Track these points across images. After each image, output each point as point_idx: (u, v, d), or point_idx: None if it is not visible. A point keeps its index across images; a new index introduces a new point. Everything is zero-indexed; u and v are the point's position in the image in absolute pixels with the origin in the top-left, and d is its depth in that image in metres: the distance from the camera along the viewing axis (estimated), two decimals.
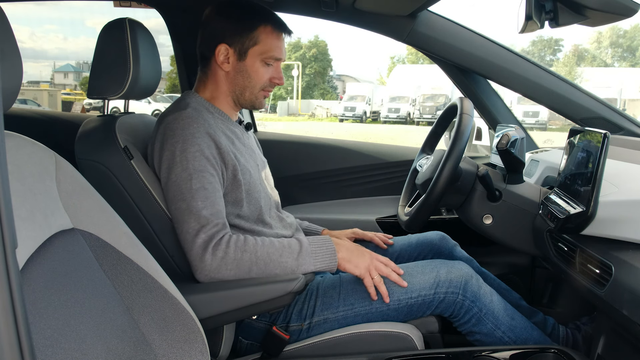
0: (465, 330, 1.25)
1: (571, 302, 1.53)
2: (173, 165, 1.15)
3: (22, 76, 0.73)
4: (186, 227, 1.13)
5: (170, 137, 1.17)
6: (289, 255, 1.15)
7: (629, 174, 1.14)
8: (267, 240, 1.17)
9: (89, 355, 0.72)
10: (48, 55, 60.27)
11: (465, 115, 1.27)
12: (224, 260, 1.11)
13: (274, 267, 1.13)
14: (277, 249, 1.15)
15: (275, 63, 1.29)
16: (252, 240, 1.15)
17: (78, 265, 0.79)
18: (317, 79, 37.54)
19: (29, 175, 0.77)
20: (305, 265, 1.15)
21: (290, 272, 1.14)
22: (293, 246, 1.16)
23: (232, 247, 1.12)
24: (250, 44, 1.25)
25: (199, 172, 1.15)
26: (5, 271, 0.42)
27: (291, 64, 33.59)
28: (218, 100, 1.30)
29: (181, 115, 1.19)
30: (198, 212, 1.13)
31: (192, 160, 1.15)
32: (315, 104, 31.71)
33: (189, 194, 1.13)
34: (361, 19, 1.64)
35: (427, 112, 22.33)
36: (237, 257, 1.12)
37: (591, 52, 40.19)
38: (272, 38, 1.26)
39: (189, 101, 1.26)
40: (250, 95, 1.29)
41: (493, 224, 1.31)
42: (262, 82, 1.28)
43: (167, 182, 1.16)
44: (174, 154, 1.15)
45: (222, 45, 1.25)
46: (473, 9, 77.93)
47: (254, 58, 1.26)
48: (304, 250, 1.16)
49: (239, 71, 1.27)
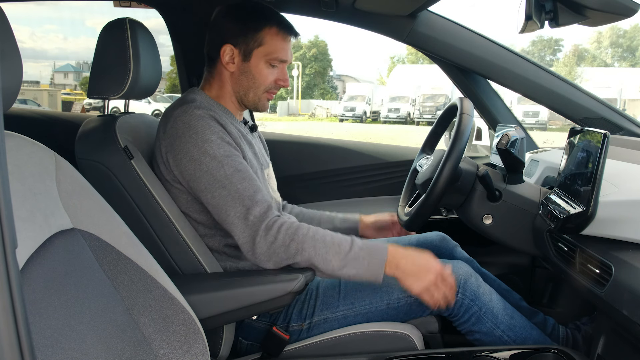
0: (464, 329, 1.25)
1: (571, 302, 1.53)
2: (199, 156, 1.15)
3: (22, 76, 0.73)
4: (233, 212, 1.13)
5: (187, 130, 1.16)
6: (334, 255, 1.12)
7: (629, 174, 1.14)
8: (320, 233, 1.14)
9: (89, 355, 0.72)
10: (48, 55, 60.31)
11: (465, 115, 1.27)
12: (274, 245, 1.11)
13: (317, 261, 1.12)
14: (326, 245, 1.12)
15: (281, 65, 1.29)
16: (304, 229, 1.13)
17: (78, 265, 0.79)
18: (317, 79, 37.54)
19: (29, 175, 0.77)
20: (347, 269, 1.12)
21: (331, 271, 1.12)
22: (343, 247, 1.13)
23: (283, 232, 1.12)
24: (255, 45, 1.25)
25: (227, 157, 1.15)
26: (5, 271, 0.42)
27: (291, 64, 33.56)
28: (223, 100, 1.30)
29: (190, 108, 1.19)
30: (240, 194, 1.13)
31: (217, 148, 1.15)
32: (315, 104, 31.71)
33: (226, 179, 1.13)
34: (361, 19, 1.64)
35: (427, 112, 22.33)
36: (285, 243, 1.11)
37: (591, 52, 40.20)
38: (277, 39, 1.26)
39: (195, 96, 1.26)
40: (253, 97, 1.29)
41: (493, 224, 1.31)
42: (266, 84, 1.28)
43: (195, 173, 1.15)
44: (197, 145, 1.15)
45: (228, 46, 1.25)
46: (473, 9, 77.95)
47: (259, 59, 1.26)
48: (351, 253, 1.13)
49: (243, 72, 1.27)
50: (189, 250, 1.18)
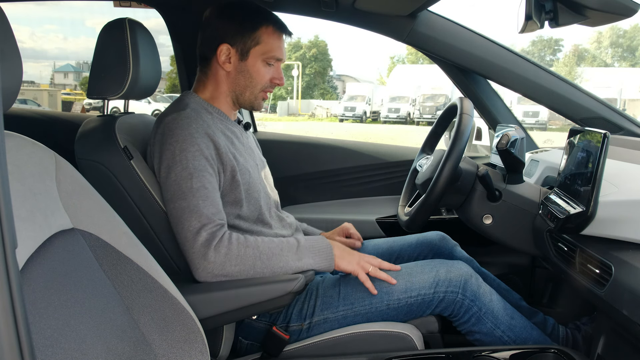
0: (464, 329, 1.25)
1: (571, 302, 1.53)
2: (173, 164, 1.15)
3: (22, 76, 0.73)
4: (187, 226, 1.13)
5: (170, 137, 1.17)
6: (289, 250, 1.17)
7: (629, 174, 1.14)
8: (267, 238, 1.19)
9: (89, 355, 0.72)
10: (48, 55, 60.26)
11: (465, 115, 1.27)
12: (227, 257, 1.11)
13: (276, 261, 1.15)
14: (277, 245, 1.17)
15: (276, 63, 1.30)
16: (252, 237, 1.17)
17: (78, 265, 0.79)
18: (317, 79, 37.54)
19: (29, 175, 0.77)
20: (305, 260, 1.17)
21: (291, 268, 1.16)
22: (291, 242, 1.19)
23: (235, 243, 1.13)
24: (252, 44, 1.25)
25: (199, 172, 1.15)
26: (5, 271, 0.42)
27: (291, 64, 33.58)
28: (217, 101, 1.30)
29: (180, 116, 1.19)
30: (199, 210, 1.13)
31: (192, 160, 1.15)
32: (315, 104, 31.72)
33: (190, 192, 1.14)
34: (361, 19, 1.64)
35: (427, 112, 22.33)
36: (240, 253, 1.12)
37: (591, 52, 40.19)
38: (273, 38, 1.27)
39: (187, 101, 1.26)
40: (250, 96, 1.29)
41: (493, 224, 1.31)
42: (263, 82, 1.28)
43: (166, 180, 1.16)
44: (174, 153, 1.15)
45: (224, 45, 1.25)
46: (473, 9, 77.94)
47: (256, 58, 1.26)
48: (301, 246, 1.19)
49: (240, 71, 1.27)
50: None
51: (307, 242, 1.21)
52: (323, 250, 1.21)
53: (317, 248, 1.20)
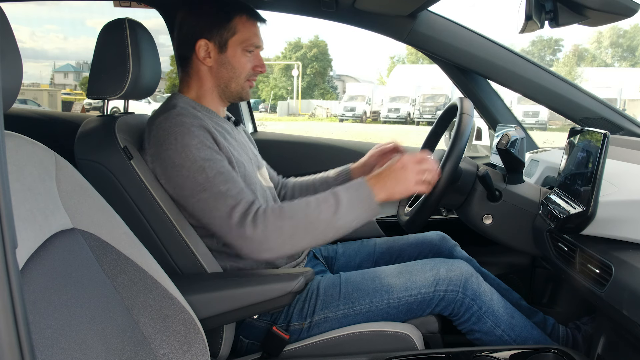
0: (465, 328, 1.25)
1: (571, 302, 1.53)
2: (180, 162, 1.14)
3: (22, 76, 0.73)
4: (216, 213, 1.12)
5: (167, 137, 1.16)
6: (326, 211, 1.12)
7: (629, 174, 1.14)
8: (303, 201, 1.14)
9: (89, 355, 0.72)
10: (48, 55, 60.25)
11: (465, 115, 1.27)
12: (265, 233, 1.10)
13: (315, 227, 1.11)
14: (314, 208, 1.12)
15: (256, 51, 1.30)
16: (287, 206, 1.13)
17: (78, 265, 0.79)
18: (317, 79, 37.54)
19: (29, 175, 0.77)
20: (345, 217, 1.12)
21: (332, 228, 1.12)
22: (329, 201, 1.13)
23: (270, 217, 1.11)
24: (229, 34, 1.26)
25: (209, 161, 1.15)
26: (5, 271, 0.42)
27: (291, 64, 33.57)
28: (204, 99, 1.30)
29: (171, 114, 1.19)
30: (224, 195, 1.12)
31: (197, 152, 1.15)
32: (315, 104, 31.72)
33: (208, 183, 1.13)
34: (361, 19, 1.64)
35: (427, 112, 22.34)
36: (277, 226, 1.10)
37: (591, 52, 40.20)
38: (248, 26, 1.27)
39: (176, 101, 1.26)
40: (236, 87, 1.29)
41: (493, 224, 1.31)
42: (246, 72, 1.29)
43: (178, 179, 1.15)
44: (177, 151, 1.15)
45: (202, 41, 1.25)
46: (473, 9, 77.92)
47: (235, 48, 1.27)
48: (340, 205, 1.12)
49: (222, 64, 1.27)
50: (189, 250, 1.18)
51: (345, 196, 1.13)
52: (365, 201, 1.13)
53: (357, 201, 1.13)
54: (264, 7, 1.66)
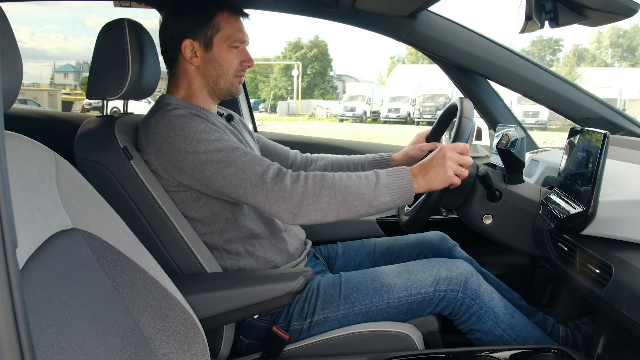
0: (465, 328, 1.25)
1: (571, 302, 1.53)
2: (193, 148, 1.14)
3: (22, 76, 0.73)
4: (248, 183, 1.12)
5: (170, 130, 1.16)
6: (366, 187, 1.13)
7: (629, 174, 1.13)
8: (345, 174, 1.15)
9: (89, 355, 0.72)
10: (48, 55, 60.21)
11: (464, 118, 1.27)
12: (304, 193, 1.10)
13: (352, 199, 1.12)
14: (355, 182, 1.13)
15: (241, 46, 1.30)
16: (329, 174, 1.14)
17: (78, 265, 0.79)
18: (317, 79, 37.54)
19: (29, 175, 0.77)
20: (382, 197, 1.13)
21: (367, 204, 1.12)
22: (370, 178, 1.14)
23: (310, 181, 1.11)
24: (213, 32, 1.26)
25: (221, 140, 1.16)
26: (5, 271, 0.42)
27: (291, 64, 33.57)
28: (194, 98, 1.30)
29: (167, 110, 1.20)
30: (249, 162, 1.13)
31: (207, 135, 1.15)
32: (315, 104, 31.72)
33: (229, 157, 1.13)
34: (361, 19, 1.64)
35: (427, 112, 22.34)
36: (316, 192, 1.11)
37: (591, 52, 40.19)
38: (231, 21, 1.28)
39: (167, 100, 1.26)
40: (225, 83, 1.30)
41: (493, 224, 1.31)
42: (233, 67, 1.29)
43: (195, 165, 1.14)
44: (186, 139, 1.15)
45: (187, 41, 1.26)
46: (473, 9, 77.94)
47: (220, 45, 1.27)
48: (380, 184, 1.13)
49: (208, 62, 1.28)
50: (189, 250, 1.18)
51: (386, 179, 1.14)
52: (403, 187, 1.14)
53: (397, 185, 1.14)
54: (264, 7, 1.66)
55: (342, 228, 1.83)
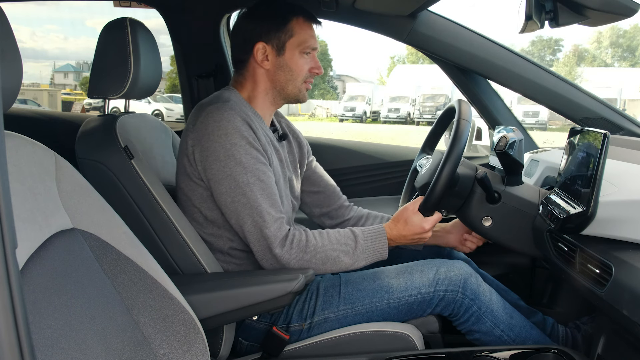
0: (464, 329, 1.25)
1: (571, 302, 1.53)
2: (225, 158, 1.16)
3: (22, 76, 0.73)
4: (250, 221, 1.16)
5: (217, 129, 1.17)
6: (344, 255, 1.20)
7: (629, 174, 1.13)
8: (327, 240, 1.20)
9: (89, 355, 0.72)
10: (48, 55, 60.23)
11: (462, 121, 1.27)
12: (288, 259, 1.17)
13: (330, 265, 1.20)
14: (335, 249, 1.20)
15: (312, 52, 1.31)
16: (312, 241, 1.18)
17: (78, 265, 0.79)
18: (317, 79, 37.48)
19: (29, 175, 0.77)
20: (359, 262, 1.22)
21: (344, 268, 1.22)
22: (349, 245, 1.21)
23: (295, 247, 1.17)
24: (286, 37, 1.26)
25: (253, 165, 1.17)
26: (5, 271, 0.42)
27: None
28: (256, 100, 1.30)
29: (224, 107, 1.20)
30: (259, 205, 1.16)
31: (244, 153, 1.16)
32: (315, 104, 31.70)
33: (247, 187, 1.16)
34: (361, 19, 1.64)
35: (427, 112, 22.32)
36: (298, 257, 1.17)
37: (591, 52, 40.18)
38: (305, 28, 1.28)
39: (229, 95, 1.27)
40: (293, 89, 1.30)
41: (492, 226, 1.31)
42: (303, 74, 1.29)
43: (217, 174, 1.17)
44: (225, 147, 1.16)
45: (260, 44, 1.26)
46: (473, 9, 77.96)
47: (293, 50, 1.27)
48: (358, 248, 1.21)
49: (279, 66, 1.28)
50: (189, 250, 1.18)
51: (363, 245, 1.22)
52: (378, 250, 1.24)
53: (372, 249, 1.23)
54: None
55: None
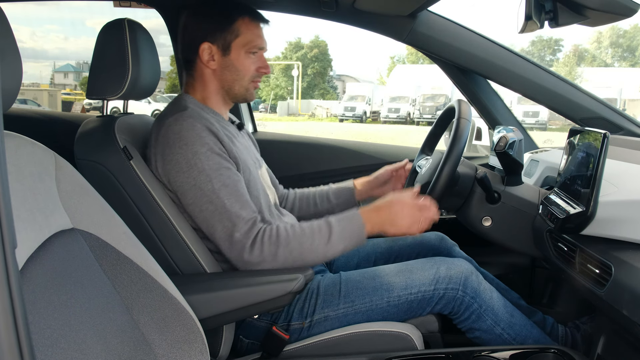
0: (465, 327, 1.25)
1: (571, 302, 1.53)
2: (188, 169, 1.15)
3: (22, 76, 0.73)
4: (216, 229, 1.15)
5: (177, 140, 1.16)
6: (319, 241, 1.16)
7: (629, 174, 1.14)
8: (298, 229, 1.18)
9: (88, 355, 0.72)
10: (48, 55, 60.28)
11: (462, 120, 1.27)
12: (261, 257, 1.14)
13: (306, 255, 1.16)
14: (308, 237, 1.16)
15: (259, 52, 1.30)
16: (283, 233, 1.16)
17: (78, 265, 0.79)
18: (317, 79, 37.52)
19: (28, 175, 0.77)
20: (335, 247, 1.17)
21: (322, 256, 1.17)
22: (323, 231, 1.17)
23: (267, 243, 1.14)
24: (232, 37, 1.26)
25: (216, 171, 1.16)
26: (5, 271, 0.42)
27: (291, 64, 33.56)
28: (209, 101, 1.31)
29: (182, 116, 1.19)
30: (227, 210, 1.14)
31: (206, 161, 1.15)
32: (315, 104, 31.71)
33: (214, 194, 1.15)
34: (361, 19, 1.64)
35: (427, 112, 22.32)
36: (272, 252, 1.15)
37: (591, 52, 40.17)
38: (251, 28, 1.27)
39: (185, 103, 1.26)
40: (240, 88, 1.30)
41: (492, 226, 1.31)
42: (249, 74, 1.29)
43: (183, 186, 1.16)
44: (186, 157, 1.15)
45: (205, 44, 1.26)
46: (473, 9, 77.95)
47: (239, 50, 1.27)
48: (333, 234, 1.17)
49: (225, 66, 1.27)
50: (189, 250, 1.18)
51: (337, 228, 1.18)
52: (355, 233, 1.19)
53: (350, 232, 1.19)
54: (264, 7, 1.66)
55: None
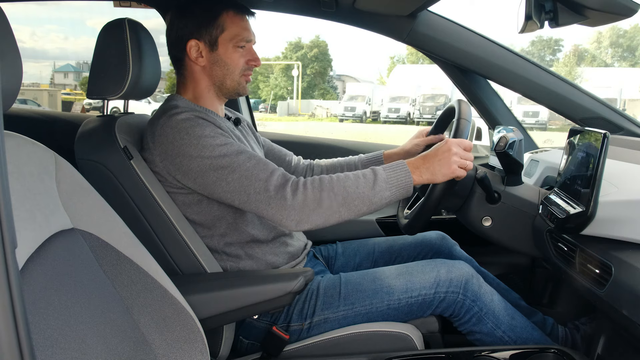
0: (465, 329, 1.25)
1: (571, 302, 1.53)
2: (198, 152, 1.14)
3: (22, 76, 0.73)
4: (251, 189, 1.11)
5: (177, 133, 1.16)
6: (364, 186, 1.12)
7: (629, 174, 1.14)
8: (342, 175, 1.15)
9: (88, 355, 0.72)
10: (48, 55, 60.25)
11: (462, 120, 1.27)
12: (305, 202, 1.10)
13: (351, 199, 1.11)
14: (353, 182, 1.12)
15: (247, 45, 1.30)
16: (326, 177, 1.13)
17: (78, 265, 0.79)
18: (318, 79, 37.52)
19: (28, 175, 0.77)
20: (381, 192, 1.13)
21: (368, 202, 1.12)
22: (368, 176, 1.14)
23: (310, 187, 1.11)
24: (218, 32, 1.26)
25: (225, 145, 1.15)
26: (5, 271, 0.42)
27: (291, 64, 33.56)
28: (202, 99, 1.30)
29: (175, 112, 1.19)
30: (253, 169, 1.12)
31: (212, 140, 1.15)
32: (315, 104, 31.72)
33: (234, 163, 1.13)
34: (361, 19, 1.64)
35: (427, 112, 22.35)
36: (316, 197, 1.10)
37: (591, 52, 40.17)
38: (237, 21, 1.27)
39: (176, 102, 1.26)
40: (231, 83, 1.29)
41: (492, 226, 1.31)
42: (239, 67, 1.29)
43: (199, 170, 1.14)
44: (192, 143, 1.14)
45: (192, 41, 1.26)
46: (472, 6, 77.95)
47: (226, 45, 1.26)
48: (379, 178, 1.13)
49: (214, 62, 1.27)
50: (189, 250, 1.18)
51: (383, 174, 1.14)
52: (402, 181, 1.14)
53: (395, 179, 1.14)
54: (264, 7, 1.66)
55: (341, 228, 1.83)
